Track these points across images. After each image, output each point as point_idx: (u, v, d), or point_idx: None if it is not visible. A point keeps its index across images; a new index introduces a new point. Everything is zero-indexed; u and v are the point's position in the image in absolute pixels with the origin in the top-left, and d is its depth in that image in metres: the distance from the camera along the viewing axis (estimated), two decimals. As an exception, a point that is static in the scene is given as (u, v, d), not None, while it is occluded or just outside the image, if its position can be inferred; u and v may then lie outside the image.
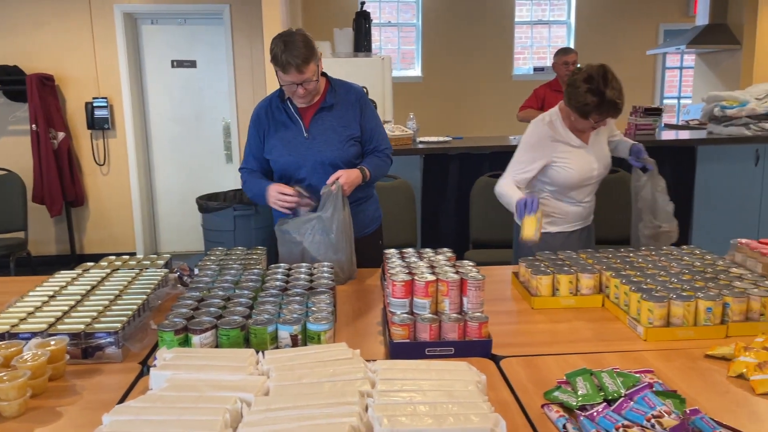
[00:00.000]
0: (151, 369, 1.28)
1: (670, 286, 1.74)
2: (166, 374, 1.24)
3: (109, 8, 5.45)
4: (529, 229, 2.21)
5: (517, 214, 2.38)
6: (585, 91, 2.33)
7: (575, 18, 8.41)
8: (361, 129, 2.39)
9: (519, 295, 2.04)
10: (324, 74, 2.40)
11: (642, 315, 1.66)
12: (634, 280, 1.81)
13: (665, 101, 8.93)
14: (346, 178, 2.22)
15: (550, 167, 2.55)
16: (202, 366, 1.28)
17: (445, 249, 2.00)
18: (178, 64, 5.74)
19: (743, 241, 2.17)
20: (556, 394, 1.29)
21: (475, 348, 1.55)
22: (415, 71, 8.39)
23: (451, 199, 4.32)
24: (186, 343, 1.48)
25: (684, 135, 4.83)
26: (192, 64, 5.75)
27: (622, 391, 1.21)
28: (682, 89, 9.05)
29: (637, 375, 1.31)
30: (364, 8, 5.40)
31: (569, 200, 2.62)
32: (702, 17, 6.73)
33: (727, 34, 6.47)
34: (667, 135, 4.97)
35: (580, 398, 1.23)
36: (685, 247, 2.24)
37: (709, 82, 6.94)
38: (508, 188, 2.51)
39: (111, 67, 5.53)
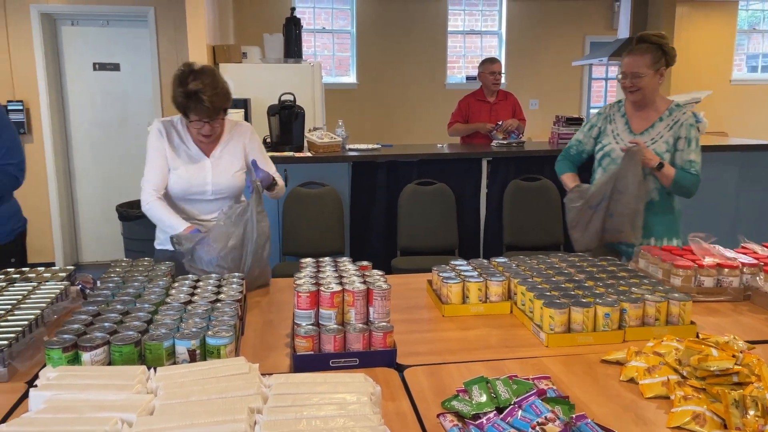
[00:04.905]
0: (31, 390, 1.21)
1: (572, 293, 1.79)
2: (46, 395, 1.18)
3: (25, 8, 5.21)
4: None
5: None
6: (176, 83, 2.20)
7: (506, 29, 8.61)
8: None
9: (432, 303, 2.05)
10: None
11: (544, 321, 1.70)
12: (539, 287, 1.85)
13: (592, 110, 9.25)
14: None
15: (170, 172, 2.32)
16: (86, 385, 1.22)
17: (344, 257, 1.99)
18: (101, 66, 5.54)
19: (646, 247, 2.26)
20: (453, 403, 1.30)
21: (379, 358, 1.55)
22: (350, 78, 8.40)
23: (380, 207, 4.32)
24: (76, 360, 1.41)
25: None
26: (115, 67, 5.55)
27: (513, 399, 1.23)
28: (607, 99, 9.41)
29: (532, 382, 1.33)
30: (294, 14, 5.36)
31: (182, 214, 2.34)
32: (623, 30, 7.02)
33: (646, 48, 6.76)
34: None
35: (474, 407, 1.24)
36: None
37: (631, 93, 7.22)
38: (160, 209, 2.27)
39: (27, 69, 5.28)
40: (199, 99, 2.16)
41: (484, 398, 1.26)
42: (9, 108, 5.23)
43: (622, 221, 2.46)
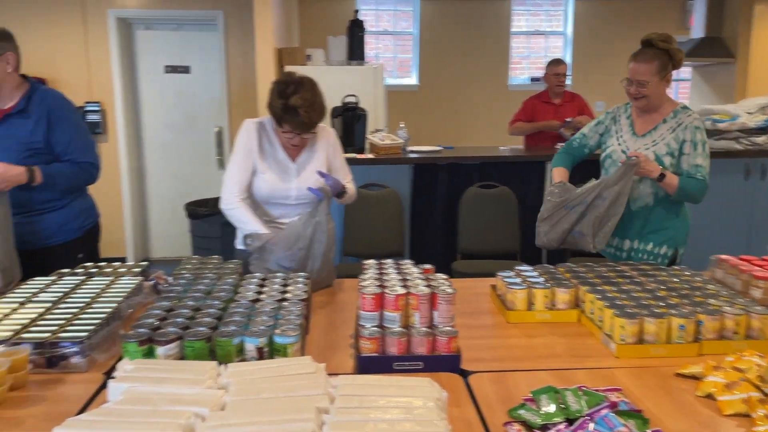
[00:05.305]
0: (109, 381, 1.27)
1: (644, 303, 1.73)
2: (123, 386, 1.23)
3: (103, 13, 5.45)
4: None
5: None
6: (276, 94, 2.22)
7: (573, 29, 8.42)
8: (48, 142, 2.39)
9: (496, 309, 2.02)
10: (27, 79, 2.44)
11: (615, 331, 1.65)
12: (609, 295, 1.80)
13: (661, 113, 8.92)
14: (0, 173, 2.20)
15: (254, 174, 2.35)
16: (160, 378, 1.26)
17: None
18: (172, 69, 5.73)
19: (723, 257, 2.16)
20: (520, 412, 1.27)
21: (443, 362, 1.54)
22: (412, 79, 8.40)
23: (441, 209, 4.30)
24: (150, 354, 1.46)
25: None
26: (185, 69, 5.74)
27: (584, 411, 1.19)
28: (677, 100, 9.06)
29: (603, 394, 1.29)
30: (357, 16, 5.40)
31: (264, 216, 2.35)
32: (698, 30, 6.75)
33: (722, 48, 6.48)
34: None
35: (542, 417, 1.22)
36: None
37: (705, 95, 6.95)
38: (244, 213, 2.28)
39: (104, 72, 5.53)
40: (297, 113, 2.18)
41: (552, 408, 1.24)
42: (87, 109, 5.49)
43: (588, 225, 2.35)
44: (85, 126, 2.61)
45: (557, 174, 2.61)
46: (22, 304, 1.78)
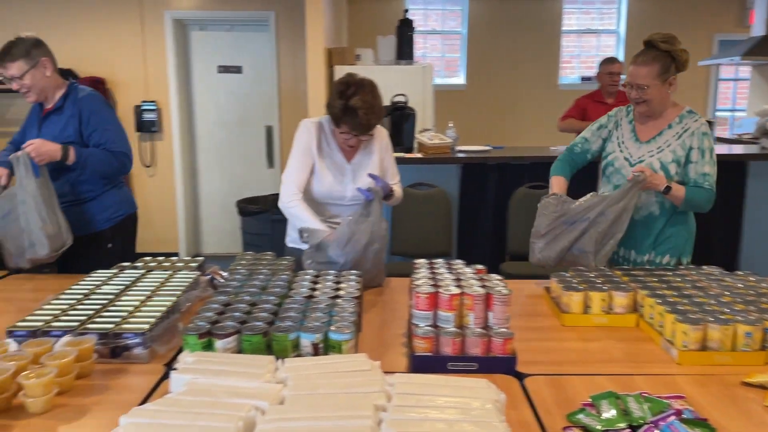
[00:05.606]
0: (172, 372, 1.30)
1: (708, 309, 1.67)
2: (186, 378, 1.26)
3: (160, 14, 5.60)
4: None
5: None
6: (336, 94, 2.22)
7: (626, 27, 8.22)
8: (81, 134, 2.53)
9: (550, 311, 1.99)
10: (67, 79, 2.62)
11: (676, 337, 1.60)
12: (670, 300, 1.75)
13: (717, 113, 8.63)
14: (36, 146, 2.34)
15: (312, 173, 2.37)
16: (220, 371, 1.28)
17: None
18: (224, 69, 5.85)
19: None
20: (579, 416, 1.25)
21: (498, 364, 1.52)
22: (459, 79, 8.35)
23: (489, 210, 4.26)
24: (209, 347, 1.49)
25: (735, 150, 4.65)
26: (238, 69, 5.85)
27: (648, 418, 1.16)
28: (736, 101, 8.74)
29: (666, 401, 1.26)
30: (407, 16, 5.40)
31: (319, 215, 2.34)
32: (759, 27, 6.50)
33: (784, 46, 6.23)
34: (719, 149, 4.78)
35: (603, 423, 1.19)
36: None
37: (765, 94, 6.69)
38: (304, 211, 2.27)
39: (160, 72, 5.67)
40: (356, 114, 2.20)
41: (613, 414, 1.21)
42: (143, 108, 5.65)
43: (591, 242, 2.19)
44: (117, 120, 2.70)
45: (555, 184, 2.47)
46: (86, 295, 1.84)
